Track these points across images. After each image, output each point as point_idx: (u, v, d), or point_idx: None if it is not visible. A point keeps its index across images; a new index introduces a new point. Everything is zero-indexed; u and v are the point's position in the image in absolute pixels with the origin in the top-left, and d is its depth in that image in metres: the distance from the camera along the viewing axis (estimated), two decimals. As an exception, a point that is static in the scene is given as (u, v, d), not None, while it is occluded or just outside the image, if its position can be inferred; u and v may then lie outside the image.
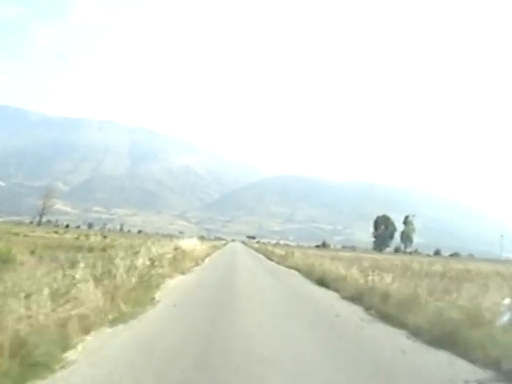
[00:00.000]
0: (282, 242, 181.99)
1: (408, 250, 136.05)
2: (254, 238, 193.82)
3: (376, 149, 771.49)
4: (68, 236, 53.20)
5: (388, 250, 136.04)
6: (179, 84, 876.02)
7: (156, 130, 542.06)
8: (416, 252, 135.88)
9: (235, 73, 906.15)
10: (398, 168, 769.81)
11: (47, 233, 57.73)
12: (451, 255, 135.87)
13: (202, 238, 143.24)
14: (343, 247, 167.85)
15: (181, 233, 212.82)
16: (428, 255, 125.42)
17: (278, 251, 39.30)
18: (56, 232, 65.64)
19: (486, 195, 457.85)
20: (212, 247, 45.72)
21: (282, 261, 27.30)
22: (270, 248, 51.44)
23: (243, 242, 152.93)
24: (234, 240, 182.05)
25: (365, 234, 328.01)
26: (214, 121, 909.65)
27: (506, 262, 74.17)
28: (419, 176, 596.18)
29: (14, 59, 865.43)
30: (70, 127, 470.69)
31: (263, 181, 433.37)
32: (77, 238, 47.10)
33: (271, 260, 31.73)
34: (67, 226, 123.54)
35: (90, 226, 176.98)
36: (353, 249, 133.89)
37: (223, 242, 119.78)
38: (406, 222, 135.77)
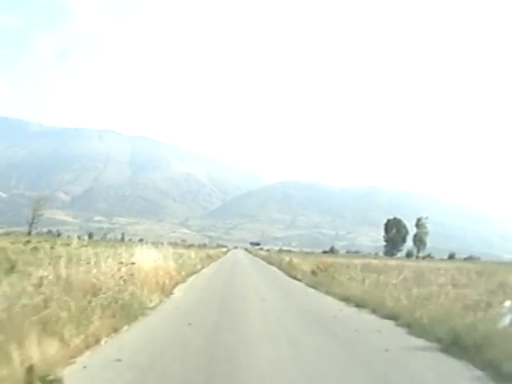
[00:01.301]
0: (284, 248, 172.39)
1: (421, 254, 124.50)
2: (258, 244, 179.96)
3: (377, 153, 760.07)
4: (28, 246, 42.10)
5: (398, 254, 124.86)
6: (180, 92, 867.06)
7: (157, 138, 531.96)
8: (429, 256, 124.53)
9: (236, 81, 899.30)
10: (400, 172, 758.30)
11: (13, 243, 47.17)
12: (465, 259, 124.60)
13: (203, 245, 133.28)
14: (347, 252, 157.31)
15: (183, 240, 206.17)
16: (442, 259, 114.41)
17: (297, 261, 27.95)
18: (28, 241, 54.95)
19: (487, 198, 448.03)
20: (206, 258, 33.52)
21: (322, 282, 15.70)
22: (285, 258, 35.69)
23: (246, 250, 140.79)
24: (236, 247, 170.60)
25: (368, 239, 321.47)
26: (215, 129, 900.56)
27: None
28: (421, 180, 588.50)
29: (13, 70, 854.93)
30: (70, 137, 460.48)
31: (265, 187, 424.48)
32: (35, 248, 35.98)
33: (297, 279, 19.55)
34: (59, 235, 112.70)
35: (91, 235, 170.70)
36: (364, 255, 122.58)
37: (224, 249, 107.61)
38: (419, 224, 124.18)
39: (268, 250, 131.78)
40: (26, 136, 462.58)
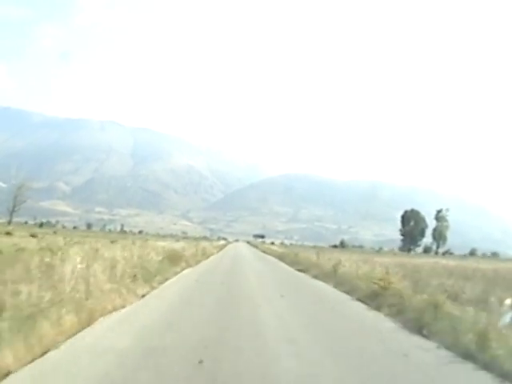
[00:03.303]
0: (286, 241, 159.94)
1: (440, 250, 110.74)
2: (262, 237, 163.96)
3: (380, 147, 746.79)
4: None
5: (413, 250, 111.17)
6: (182, 84, 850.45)
7: (159, 130, 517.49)
8: (449, 252, 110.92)
9: (238, 73, 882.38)
10: (402, 167, 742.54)
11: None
12: (490, 256, 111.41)
13: (203, 238, 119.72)
14: (352, 247, 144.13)
15: (184, 233, 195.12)
16: (464, 256, 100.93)
17: (366, 268, 13.80)
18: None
19: (488, 193, 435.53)
20: (164, 260, 14.19)
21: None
22: (341, 260, 17.60)
23: (249, 243, 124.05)
24: (237, 240, 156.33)
25: (370, 233, 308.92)
26: (216, 121, 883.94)
27: None
28: (424, 175, 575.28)
29: (16, 60, 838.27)
30: (71, 128, 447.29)
31: (267, 180, 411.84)
32: None
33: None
34: (41, 226, 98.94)
35: (89, 226, 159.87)
36: (379, 250, 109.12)
37: (222, 242, 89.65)
38: (439, 217, 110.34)
39: (273, 243, 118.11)
40: (27, 126, 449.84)
